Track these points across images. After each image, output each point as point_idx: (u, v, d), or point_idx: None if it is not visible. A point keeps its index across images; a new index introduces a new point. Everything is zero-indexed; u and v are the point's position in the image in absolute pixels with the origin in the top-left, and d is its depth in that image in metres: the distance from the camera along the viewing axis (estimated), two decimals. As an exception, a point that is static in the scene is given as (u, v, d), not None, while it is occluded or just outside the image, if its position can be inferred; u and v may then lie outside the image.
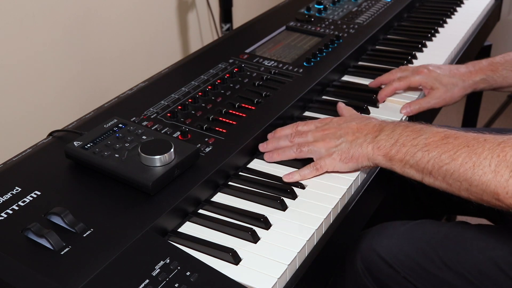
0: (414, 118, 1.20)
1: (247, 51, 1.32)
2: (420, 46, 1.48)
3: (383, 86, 1.25)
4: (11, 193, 0.85)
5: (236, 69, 1.22)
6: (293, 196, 0.93)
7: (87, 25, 1.82)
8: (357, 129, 0.99)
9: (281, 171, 0.99)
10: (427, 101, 1.20)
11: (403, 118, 1.17)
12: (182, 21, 2.26)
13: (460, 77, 1.23)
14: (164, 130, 1.01)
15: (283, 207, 0.91)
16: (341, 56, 1.32)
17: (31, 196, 0.85)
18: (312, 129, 1.03)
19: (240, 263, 0.80)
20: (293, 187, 0.94)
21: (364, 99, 1.21)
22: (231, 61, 1.27)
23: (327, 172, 0.99)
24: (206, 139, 1.00)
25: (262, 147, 1.04)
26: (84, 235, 0.78)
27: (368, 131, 0.97)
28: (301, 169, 0.98)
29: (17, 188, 0.86)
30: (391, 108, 1.20)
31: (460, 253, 1.04)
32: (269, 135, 1.06)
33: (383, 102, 1.23)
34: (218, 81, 1.18)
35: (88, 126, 1.00)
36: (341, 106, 1.13)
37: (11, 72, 1.61)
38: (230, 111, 1.09)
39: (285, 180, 0.96)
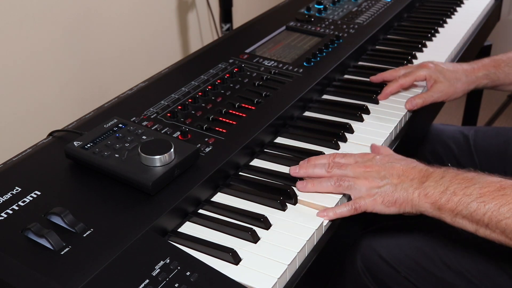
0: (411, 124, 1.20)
1: (247, 51, 1.32)
2: (420, 46, 1.48)
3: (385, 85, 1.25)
4: (11, 193, 0.85)
5: (236, 69, 1.22)
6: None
7: (87, 25, 1.82)
8: (403, 171, 0.93)
9: (282, 170, 0.99)
10: (430, 94, 1.21)
11: (405, 114, 1.17)
12: (182, 21, 2.26)
13: (463, 72, 1.24)
14: (164, 130, 1.01)
15: (283, 207, 0.90)
16: (341, 56, 1.32)
17: (31, 196, 0.85)
18: (351, 162, 0.96)
19: (240, 263, 0.80)
20: (293, 187, 0.94)
21: (364, 98, 1.22)
22: (231, 61, 1.27)
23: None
24: (206, 139, 1.00)
25: (293, 170, 0.97)
26: (84, 235, 0.78)
27: (414, 176, 0.92)
28: (338, 207, 0.91)
29: (17, 188, 0.86)
30: (391, 107, 1.20)
31: (460, 252, 1.04)
32: (302, 162, 0.98)
33: (386, 99, 1.23)
34: (218, 81, 1.18)
35: (88, 126, 1.00)
36: (376, 145, 1.06)
37: (11, 72, 1.61)
38: (230, 111, 1.09)
39: (318, 216, 0.90)
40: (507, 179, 0.87)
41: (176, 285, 0.73)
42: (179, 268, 0.75)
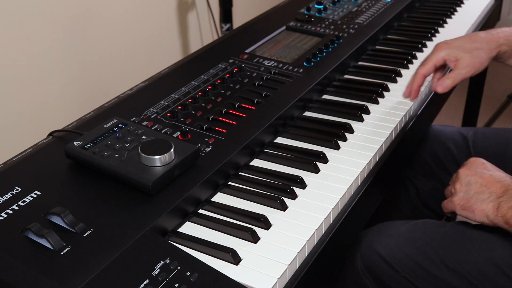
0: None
1: (247, 51, 1.32)
2: (420, 46, 1.48)
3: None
4: (11, 193, 0.85)
5: (236, 69, 1.22)
6: (293, 196, 0.93)
7: (87, 25, 1.82)
8: (487, 182, 1.01)
9: (282, 170, 0.99)
10: (458, 72, 1.17)
11: (405, 114, 1.17)
12: (182, 21, 2.26)
13: (483, 40, 1.20)
14: (164, 130, 1.01)
15: (283, 207, 0.91)
16: (341, 56, 1.32)
17: (31, 196, 0.85)
18: None
19: (240, 263, 0.80)
20: (293, 187, 0.94)
21: (364, 98, 1.22)
22: (231, 61, 1.27)
23: (327, 170, 0.99)
24: (206, 139, 1.00)
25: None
26: (84, 235, 0.78)
27: (494, 189, 0.99)
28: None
29: (17, 188, 0.86)
30: (391, 107, 1.20)
31: (460, 253, 1.04)
32: None
33: (418, 94, 1.22)
34: (218, 81, 1.18)
35: (88, 126, 1.00)
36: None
37: (11, 72, 1.61)
38: (230, 111, 1.09)
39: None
40: None
41: (176, 285, 0.73)
42: (179, 268, 0.75)
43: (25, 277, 0.72)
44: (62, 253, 0.75)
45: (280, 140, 1.09)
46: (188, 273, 0.74)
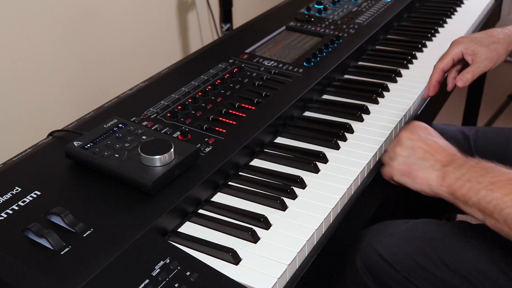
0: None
1: (247, 51, 1.32)
2: (420, 46, 1.48)
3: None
4: (11, 193, 0.85)
5: (236, 69, 1.22)
6: (293, 196, 0.93)
7: (87, 25, 1.83)
8: (431, 149, 0.95)
9: (282, 170, 0.99)
10: (477, 66, 1.17)
11: (405, 114, 1.17)
12: (182, 21, 2.26)
13: (499, 33, 1.20)
14: (164, 130, 1.01)
15: (283, 207, 0.91)
16: (341, 56, 1.32)
17: (31, 196, 0.85)
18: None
19: (240, 263, 0.80)
20: (293, 187, 0.94)
21: (364, 98, 1.22)
22: (231, 61, 1.27)
23: (327, 170, 0.99)
24: (206, 139, 1.00)
25: None
26: (84, 235, 0.78)
27: (439, 158, 0.94)
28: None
29: (17, 188, 0.86)
30: (391, 107, 1.20)
31: (460, 253, 1.04)
32: None
33: (437, 90, 1.21)
34: (218, 81, 1.18)
35: (88, 126, 1.00)
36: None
37: (11, 72, 1.61)
38: (230, 111, 1.09)
39: None
40: None
41: (176, 285, 0.73)
42: (179, 268, 0.75)
43: (25, 277, 0.72)
44: (62, 253, 0.75)
45: (280, 140, 1.09)
46: (188, 273, 0.74)
